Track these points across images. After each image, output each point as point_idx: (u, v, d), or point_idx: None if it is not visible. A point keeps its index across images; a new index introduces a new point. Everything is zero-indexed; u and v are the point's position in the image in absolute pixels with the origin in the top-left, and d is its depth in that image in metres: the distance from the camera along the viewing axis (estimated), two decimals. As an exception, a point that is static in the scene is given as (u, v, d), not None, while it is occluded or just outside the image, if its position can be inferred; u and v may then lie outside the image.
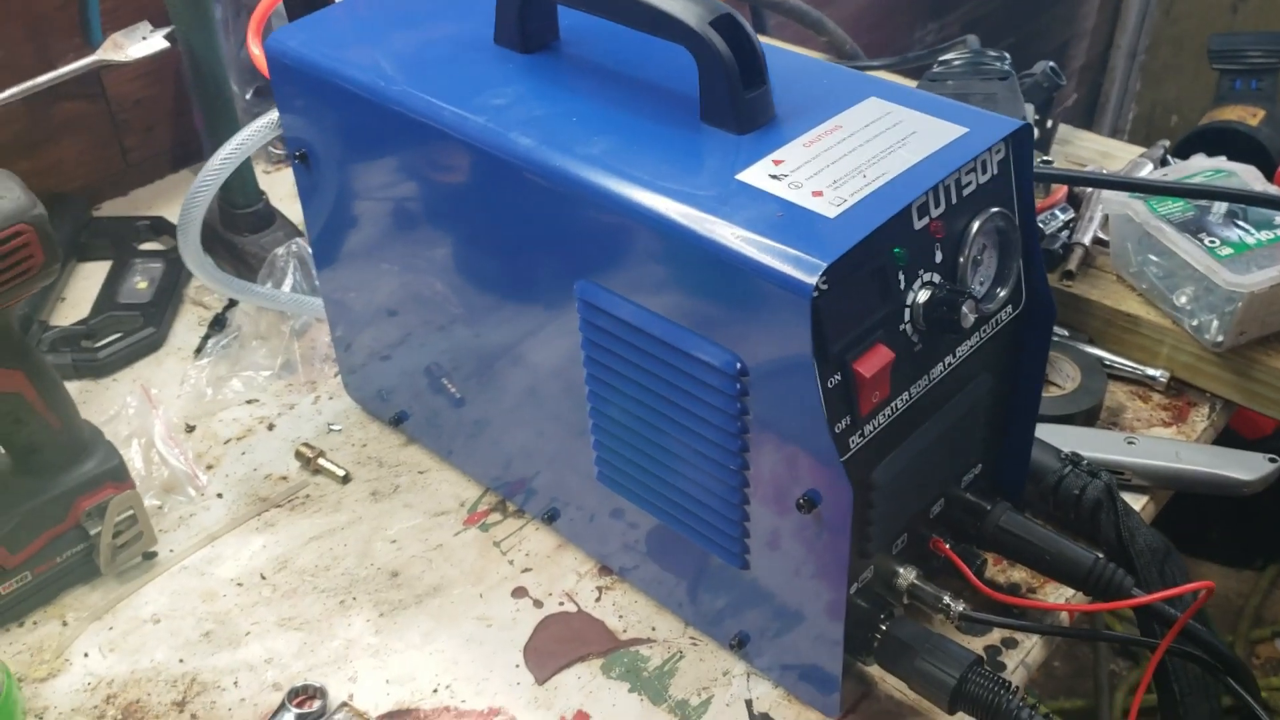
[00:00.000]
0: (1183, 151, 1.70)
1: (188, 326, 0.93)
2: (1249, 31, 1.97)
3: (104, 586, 0.73)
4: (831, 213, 0.52)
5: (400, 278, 0.72)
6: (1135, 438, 0.76)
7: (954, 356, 0.59)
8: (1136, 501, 0.74)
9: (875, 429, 0.56)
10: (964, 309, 0.55)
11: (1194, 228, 0.78)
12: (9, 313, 0.66)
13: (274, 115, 0.73)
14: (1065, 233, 0.87)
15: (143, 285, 0.94)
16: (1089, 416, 0.79)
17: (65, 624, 0.71)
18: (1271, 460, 0.73)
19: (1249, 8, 2.46)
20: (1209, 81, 1.75)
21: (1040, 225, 0.88)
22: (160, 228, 1.00)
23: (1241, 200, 0.77)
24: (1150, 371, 0.82)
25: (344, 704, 0.66)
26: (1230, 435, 0.82)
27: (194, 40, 0.84)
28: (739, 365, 0.54)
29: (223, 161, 0.74)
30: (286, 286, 0.88)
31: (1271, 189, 0.80)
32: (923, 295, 0.55)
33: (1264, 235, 0.77)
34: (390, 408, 0.81)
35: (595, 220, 0.57)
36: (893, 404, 0.56)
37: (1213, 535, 1.98)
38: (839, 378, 0.53)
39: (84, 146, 1.04)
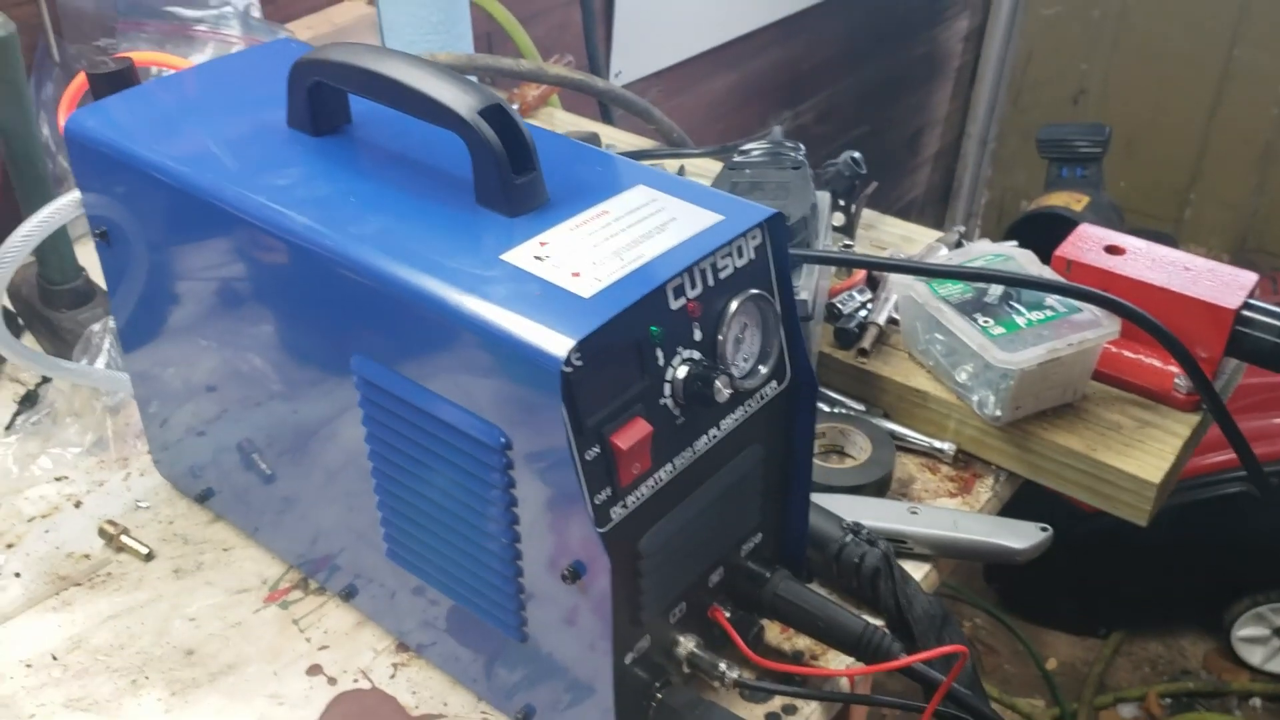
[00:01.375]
0: (1013, 236, 1.79)
1: (1, 402, 0.92)
2: (1074, 123, 2.09)
3: (-116, 672, 0.71)
4: (587, 292, 0.55)
5: (204, 355, 0.73)
6: (919, 507, 0.79)
7: (719, 429, 0.62)
8: (919, 569, 0.77)
9: (639, 500, 0.58)
10: (718, 384, 0.58)
11: (971, 308, 0.83)
12: None
13: (76, 194, 0.74)
14: (862, 312, 0.92)
15: None
16: (879, 487, 0.83)
17: None
18: (1043, 529, 0.77)
19: (1089, 99, 2.61)
20: (1054, 168, 1.86)
21: (838, 305, 0.92)
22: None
23: (1011, 283, 0.82)
24: (938, 444, 0.86)
25: (123, 786, 0.65)
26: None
27: (5, 117, 0.84)
28: (503, 439, 0.56)
29: (24, 238, 0.74)
30: (101, 362, 0.88)
31: (1046, 272, 0.86)
32: (681, 371, 0.58)
33: (1035, 316, 0.82)
34: (199, 484, 0.81)
35: (367, 296, 0.59)
36: (656, 475, 0.59)
37: (1060, 605, 2.05)
38: (597, 450, 0.55)
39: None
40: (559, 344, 0.52)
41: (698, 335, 0.59)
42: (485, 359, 0.55)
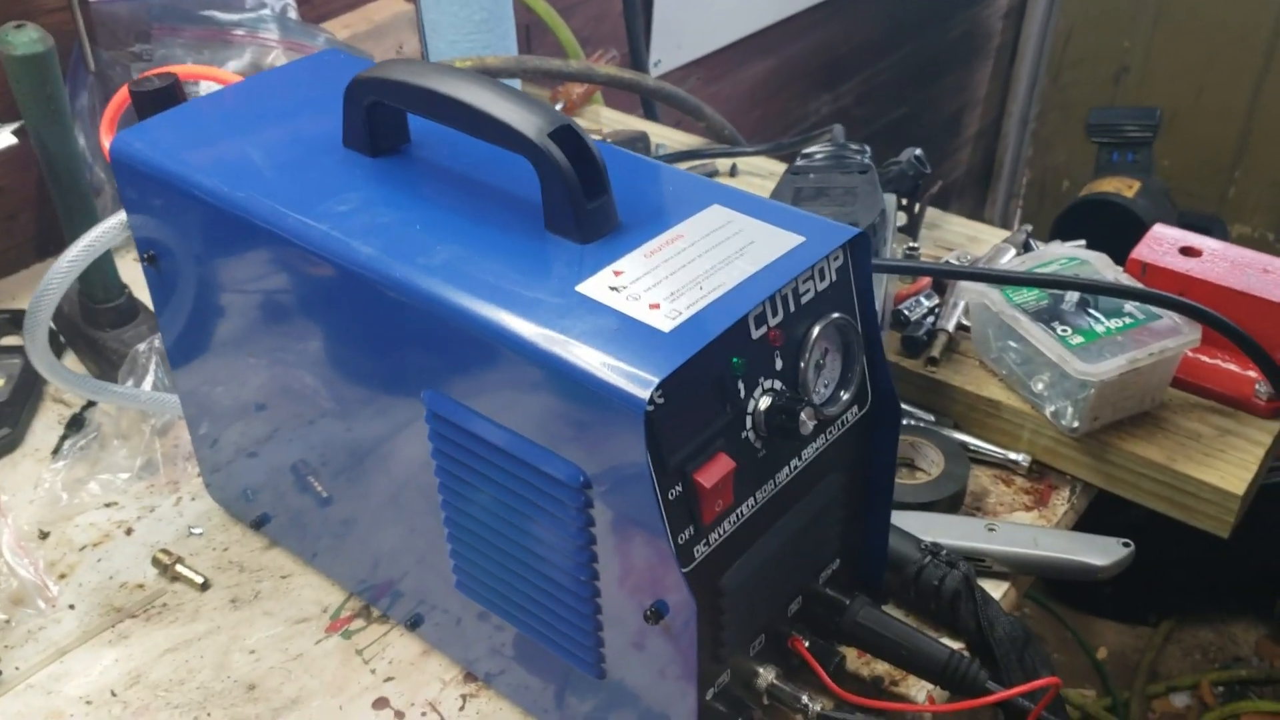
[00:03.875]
0: (1064, 223, 1.75)
1: (47, 426, 0.91)
2: (1125, 107, 2.04)
3: (-58, 710, 0.70)
4: (667, 326, 0.52)
5: (259, 376, 0.71)
6: (996, 524, 0.77)
7: (800, 460, 0.60)
8: (997, 589, 0.75)
9: (720, 536, 0.56)
10: (802, 416, 0.55)
11: (1048, 316, 0.80)
12: None
13: (123, 216, 0.72)
14: (930, 319, 0.89)
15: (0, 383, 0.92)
16: (953, 502, 0.80)
17: (-102, 752, 0.68)
18: (1125, 545, 0.74)
19: (1130, 77, 2.56)
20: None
21: (905, 312, 0.89)
22: (21, 321, 0.98)
23: (1090, 290, 0.79)
24: (1012, 455, 0.83)
25: (190, 830, 0.63)
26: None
27: (46, 136, 0.82)
28: (582, 478, 0.54)
29: (69, 264, 0.72)
30: (148, 384, 0.86)
31: (1122, 276, 0.83)
32: (764, 403, 0.56)
33: (1114, 323, 0.79)
34: (253, 509, 0.79)
35: (438, 331, 0.57)
36: (738, 511, 0.56)
37: (1107, 592, 2.02)
38: (680, 489, 0.53)
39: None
40: (641, 383, 0.50)
41: (779, 364, 0.57)
42: (564, 398, 0.53)
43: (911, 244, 0.96)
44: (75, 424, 0.88)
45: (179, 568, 0.78)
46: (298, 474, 0.74)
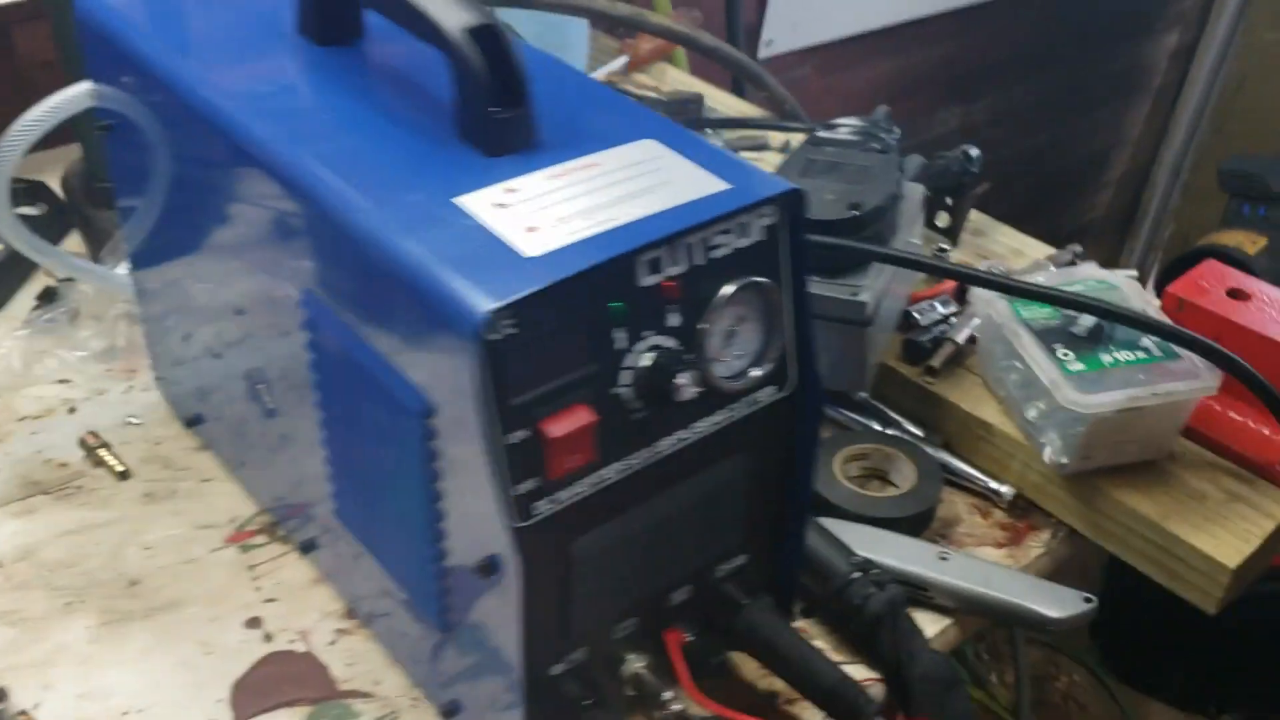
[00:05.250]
0: (1172, 271, 1.62)
1: (29, 297, 0.90)
2: (1266, 156, 1.88)
3: None
4: (534, 250, 0.47)
5: (191, 269, 0.69)
6: (951, 554, 0.69)
7: (690, 432, 0.54)
8: (937, 623, 0.67)
9: (575, 497, 0.50)
10: (679, 380, 0.49)
11: (1054, 338, 0.72)
12: None
13: (88, 84, 0.70)
14: (941, 327, 0.81)
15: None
16: (916, 524, 0.73)
17: None
18: (1087, 600, 0.66)
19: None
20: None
21: (916, 314, 0.82)
22: (38, 193, 0.98)
23: (1099, 314, 0.70)
24: (994, 485, 0.75)
25: (21, 712, 0.61)
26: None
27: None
28: (424, 406, 0.49)
29: (26, 126, 0.70)
30: (125, 268, 0.84)
31: (1152, 309, 0.74)
32: (645, 359, 0.50)
33: (1124, 355, 0.71)
34: (189, 408, 0.77)
35: (312, 223, 0.53)
36: (600, 473, 0.51)
37: (1170, 674, 1.87)
38: (526, 434, 0.48)
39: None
40: (480, 304, 0.45)
41: (674, 321, 0.51)
42: (412, 312, 0.48)
43: (943, 245, 0.88)
44: (47, 296, 0.87)
45: (102, 453, 0.76)
46: (225, 378, 0.71)
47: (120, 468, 0.75)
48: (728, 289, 0.52)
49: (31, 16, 1.04)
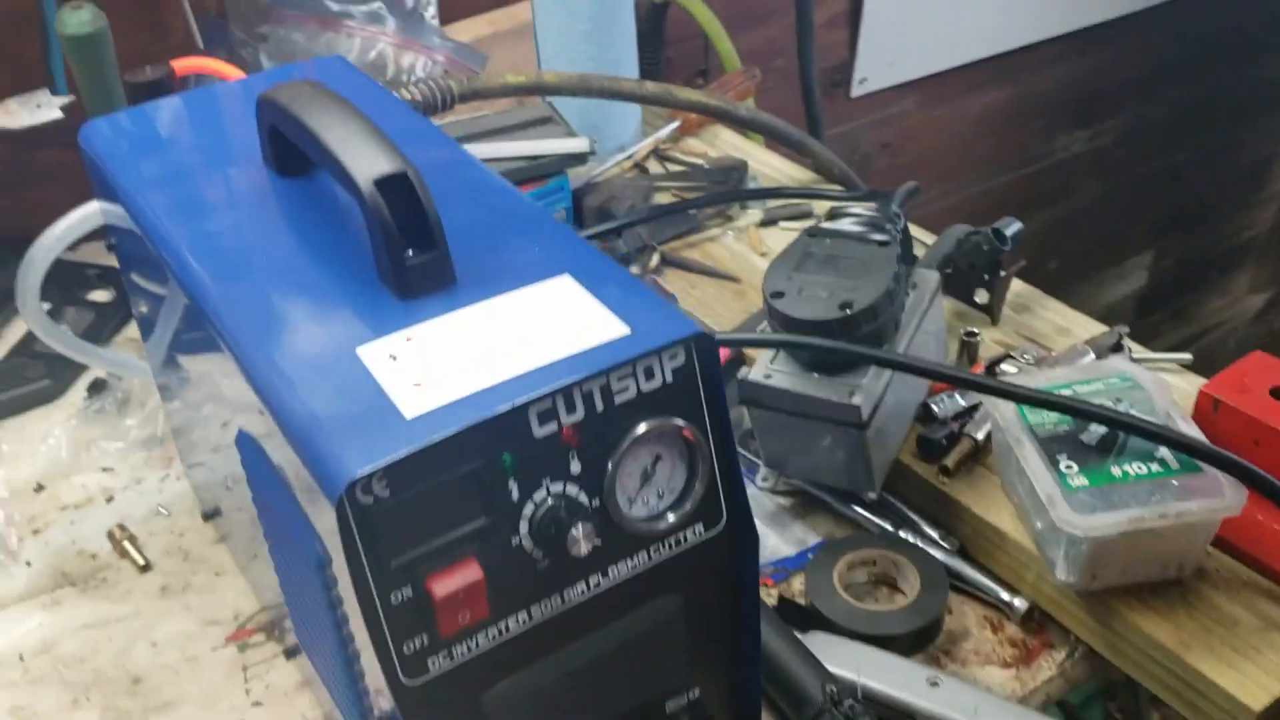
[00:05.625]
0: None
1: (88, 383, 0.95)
2: None
3: (-119, 640, 0.75)
4: (412, 411, 0.47)
5: (185, 378, 0.71)
6: (943, 678, 0.65)
7: (606, 577, 0.52)
8: (919, 755, 0.64)
9: (472, 651, 0.50)
10: (575, 532, 0.48)
11: (1060, 446, 0.67)
12: None
13: (96, 204, 0.74)
14: (959, 421, 0.77)
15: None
16: (918, 640, 0.69)
17: None
18: (1078, 740, 0.61)
19: None
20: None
21: (933, 406, 0.78)
22: (109, 278, 1.03)
23: (1105, 422, 0.65)
24: (1006, 597, 0.71)
25: (11, 813, 0.64)
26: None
27: (97, 110, 0.86)
28: (321, 557, 0.50)
29: (54, 239, 0.74)
30: (166, 359, 0.88)
31: (1176, 412, 0.68)
32: (542, 510, 0.49)
33: (1135, 468, 0.65)
34: (208, 500, 0.80)
35: (236, 365, 0.54)
36: (500, 625, 0.50)
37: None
38: (409, 593, 0.47)
39: (62, 192, 1.07)
40: (347, 468, 0.45)
41: (576, 468, 0.50)
42: (301, 466, 0.49)
43: (971, 329, 0.83)
44: (97, 387, 0.91)
45: (127, 545, 0.80)
46: (225, 478, 0.73)
47: (142, 561, 0.79)
48: (636, 431, 0.50)
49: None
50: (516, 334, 0.51)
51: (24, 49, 1.02)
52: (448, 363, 0.49)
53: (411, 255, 0.53)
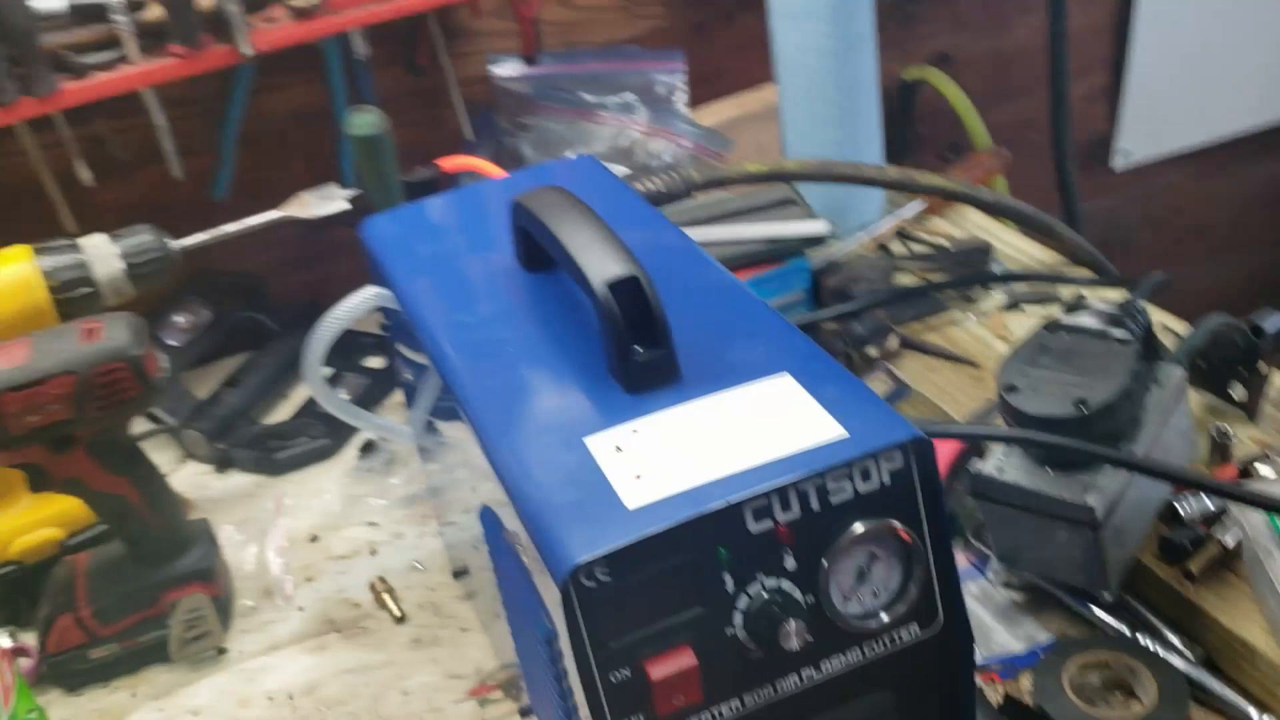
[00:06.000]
0: None
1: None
2: None
3: (178, 671, 0.84)
4: (634, 502, 0.50)
5: (438, 444, 0.77)
6: (1176, 799, 0.63)
7: (819, 671, 0.54)
8: None
9: (687, 732, 0.52)
10: (786, 628, 0.50)
11: (1315, 560, 0.64)
12: (118, 429, 0.79)
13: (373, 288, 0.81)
14: (1207, 524, 0.74)
15: (344, 397, 1.07)
16: (1150, 754, 0.67)
17: (134, 695, 0.83)
18: None
19: None
20: None
21: (1179, 507, 0.75)
22: (384, 347, 1.13)
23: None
24: (1255, 715, 0.67)
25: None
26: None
27: (377, 206, 0.95)
28: (550, 631, 0.53)
29: (327, 326, 0.82)
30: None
31: None
32: (754, 604, 0.51)
33: (1400, 589, 0.61)
34: (458, 559, 0.86)
35: (479, 446, 0.59)
36: (714, 710, 0.52)
37: None
38: (627, 673, 0.50)
39: (352, 267, 1.19)
40: (572, 555, 0.48)
41: (790, 564, 0.52)
42: (533, 548, 0.53)
43: (1223, 426, 0.80)
44: (369, 447, 1.00)
45: (386, 597, 0.87)
46: (474, 539, 0.79)
47: (398, 613, 0.86)
48: (851, 531, 0.52)
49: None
50: (735, 431, 0.53)
51: (319, 145, 1.14)
52: (669, 456, 0.52)
53: (639, 352, 0.56)
